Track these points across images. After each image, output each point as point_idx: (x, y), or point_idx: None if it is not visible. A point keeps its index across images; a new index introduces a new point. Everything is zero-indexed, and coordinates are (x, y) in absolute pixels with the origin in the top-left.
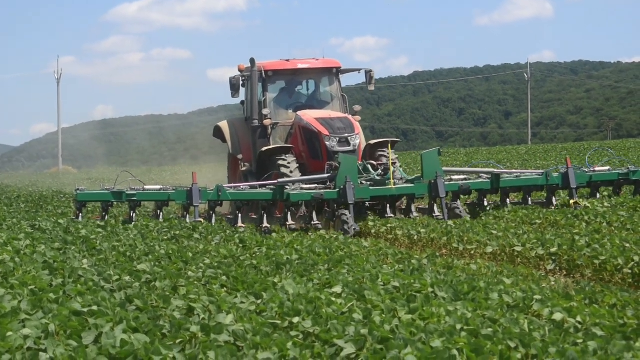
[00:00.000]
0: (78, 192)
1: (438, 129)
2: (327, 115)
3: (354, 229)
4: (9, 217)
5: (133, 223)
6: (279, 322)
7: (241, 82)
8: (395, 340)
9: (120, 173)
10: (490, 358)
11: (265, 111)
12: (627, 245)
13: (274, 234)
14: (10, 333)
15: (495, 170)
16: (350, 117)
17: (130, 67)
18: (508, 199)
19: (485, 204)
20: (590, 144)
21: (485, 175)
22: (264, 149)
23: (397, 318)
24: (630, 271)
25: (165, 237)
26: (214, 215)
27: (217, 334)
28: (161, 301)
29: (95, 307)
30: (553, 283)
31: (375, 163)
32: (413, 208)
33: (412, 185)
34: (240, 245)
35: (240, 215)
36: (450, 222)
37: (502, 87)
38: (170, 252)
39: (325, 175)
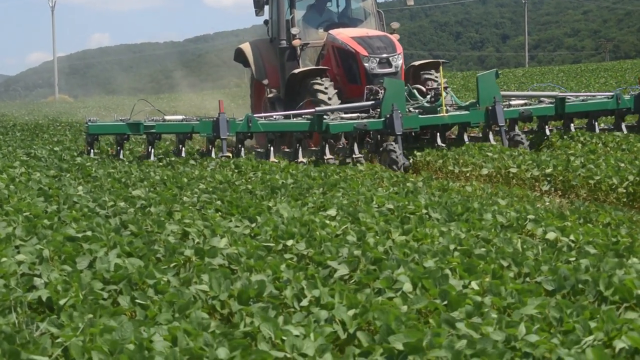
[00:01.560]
0: (89, 123)
1: (435, 53)
2: (365, 34)
3: (404, 163)
4: (5, 146)
5: (152, 158)
6: (272, 245)
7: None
8: (388, 260)
9: (137, 102)
10: (483, 277)
11: (294, 30)
12: (622, 164)
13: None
14: (4, 259)
15: (560, 94)
16: (389, 35)
17: None
18: (572, 125)
19: (548, 132)
20: (587, 66)
21: (547, 100)
22: (296, 71)
23: (391, 239)
24: (624, 190)
25: (161, 164)
26: (242, 149)
27: (211, 258)
28: (156, 226)
29: (89, 233)
30: (548, 203)
31: (422, 88)
32: (466, 137)
33: (467, 112)
34: (236, 171)
35: (272, 149)
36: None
37: (499, 10)
38: (165, 178)
39: (369, 103)
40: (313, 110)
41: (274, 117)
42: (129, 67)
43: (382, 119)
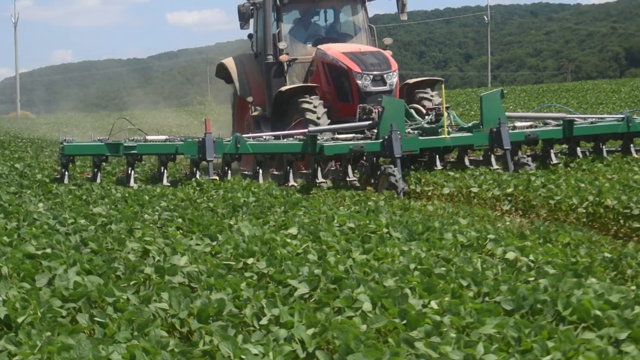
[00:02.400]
0: (65, 144)
1: (399, 72)
2: (357, 50)
3: (403, 188)
4: None
5: (132, 183)
6: (233, 263)
7: (251, 11)
8: (349, 279)
9: (116, 120)
10: (443, 296)
11: (281, 45)
12: (582, 185)
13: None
14: None
15: (567, 116)
16: (383, 51)
17: (89, 11)
18: (579, 148)
19: (553, 157)
20: (549, 87)
21: (553, 122)
22: (283, 89)
23: (352, 258)
24: (584, 210)
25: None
26: (229, 171)
27: (172, 276)
28: (116, 244)
29: (49, 250)
30: (508, 223)
31: (420, 107)
32: (466, 160)
33: (470, 134)
34: (198, 189)
35: (261, 171)
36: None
37: (463, 30)
38: (127, 195)
39: (366, 123)
40: (305, 130)
41: (264, 137)
42: (91, 84)
43: (380, 141)
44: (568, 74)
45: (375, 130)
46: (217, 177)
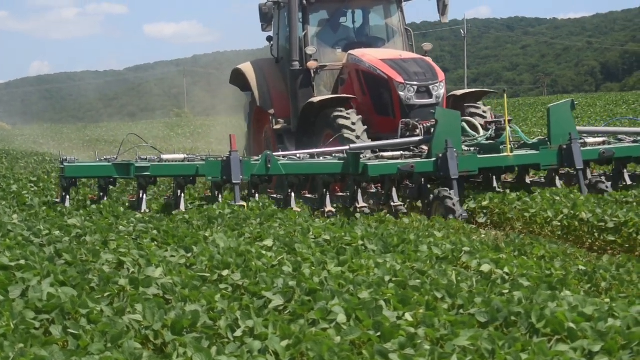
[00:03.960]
0: (66, 164)
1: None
2: (397, 56)
3: (462, 214)
4: None
5: (144, 209)
6: (208, 275)
7: (273, 12)
8: (323, 291)
9: (126, 136)
10: (417, 308)
11: (309, 50)
12: (557, 198)
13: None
14: None
15: None
16: (426, 58)
17: (66, 22)
18: (625, 170)
19: (627, 178)
20: (525, 100)
21: (628, 138)
22: (315, 100)
23: (327, 270)
24: (559, 224)
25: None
26: (257, 195)
27: (146, 287)
28: (90, 255)
29: (22, 262)
30: (483, 236)
31: (474, 121)
32: (528, 180)
33: (536, 152)
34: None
35: (292, 195)
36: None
37: (439, 44)
38: (102, 207)
39: (416, 139)
40: (345, 147)
41: (298, 155)
42: (68, 96)
43: (433, 159)
44: (544, 88)
45: (425, 148)
46: (244, 203)
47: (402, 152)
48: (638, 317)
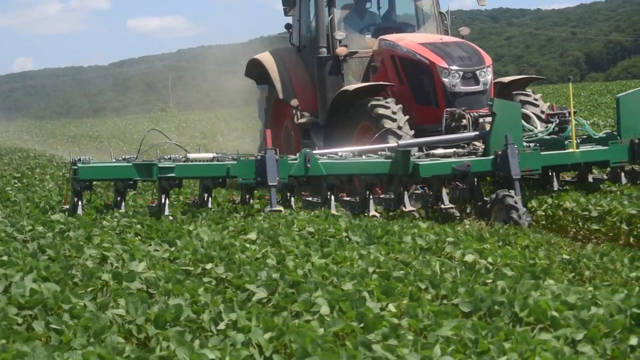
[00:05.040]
0: (80, 164)
1: None
2: (438, 40)
3: (527, 218)
4: None
5: (168, 214)
6: (191, 268)
7: None
8: (307, 283)
9: (147, 132)
10: (401, 299)
11: (338, 35)
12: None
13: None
14: None
15: None
16: (470, 43)
17: (50, 18)
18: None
19: None
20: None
21: None
22: (350, 88)
23: (310, 262)
24: (543, 213)
25: (60, 181)
26: (292, 198)
27: (129, 282)
28: (74, 250)
29: (5, 257)
30: (468, 226)
31: (529, 113)
32: (590, 179)
33: (604, 147)
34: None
35: (332, 197)
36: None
37: None
38: (86, 202)
39: (472, 134)
40: (394, 144)
41: (339, 153)
42: (52, 92)
43: (491, 157)
44: None
45: (477, 144)
46: (281, 209)
47: (454, 149)
48: (621, 305)
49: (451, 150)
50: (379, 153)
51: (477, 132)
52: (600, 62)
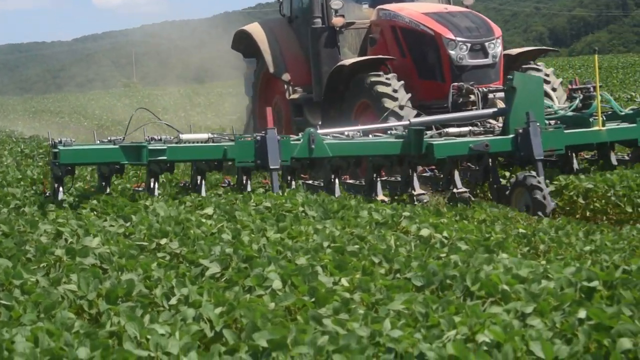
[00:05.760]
0: (61, 148)
1: None
2: (442, 9)
3: (551, 201)
4: None
5: (157, 194)
6: (146, 244)
7: None
8: (260, 258)
9: (134, 112)
10: (354, 274)
11: (334, 4)
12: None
13: None
14: None
15: None
16: (477, 12)
17: None
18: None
19: None
20: None
21: None
22: (347, 62)
23: (266, 237)
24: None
25: (40, 164)
26: (293, 181)
27: (83, 257)
28: (28, 226)
29: None
30: (426, 201)
31: (548, 88)
32: (613, 159)
33: (632, 125)
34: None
35: (337, 181)
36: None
37: None
38: (42, 176)
39: (489, 111)
40: (406, 122)
41: (346, 133)
42: (15, 67)
43: (511, 136)
44: None
45: (493, 122)
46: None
47: (470, 127)
48: (571, 278)
49: (466, 129)
50: (389, 132)
51: (495, 109)
52: (563, 38)
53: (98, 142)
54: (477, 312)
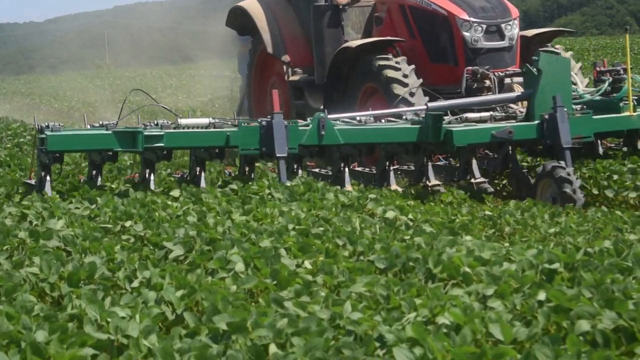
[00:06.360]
0: (49, 133)
1: None
2: None
3: (581, 198)
4: None
5: (152, 184)
6: (110, 226)
7: None
8: (224, 241)
9: (128, 93)
10: (317, 256)
11: None
12: None
13: None
14: None
15: None
16: None
17: None
18: None
19: None
20: None
21: None
22: (353, 44)
23: (231, 220)
24: None
25: (9, 145)
26: (299, 170)
27: (47, 240)
28: None
29: None
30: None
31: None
32: None
33: None
34: None
35: (347, 170)
36: None
37: None
38: (9, 158)
39: (514, 95)
40: (423, 107)
41: (358, 118)
42: None
43: (536, 122)
44: None
45: (515, 107)
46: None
47: (490, 112)
48: (533, 260)
49: (487, 114)
50: (404, 117)
51: (518, 93)
52: (537, 20)
53: (88, 126)
54: (438, 295)
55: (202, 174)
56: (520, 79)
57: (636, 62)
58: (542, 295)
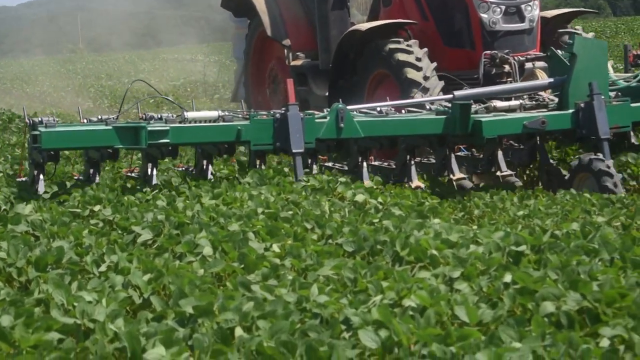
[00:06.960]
0: (43, 130)
1: None
2: None
3: (622, 192)
4: None
5: (155, 182)
6: (79, 211)
7: None
8: (192, 225)
9: (130, 84)
10: (285, 240)
11: None
12: None
13: None
14: None
15: None
16: None
17: None
18: None
19: None
20: None
21: None
22: (362, 27)
23: (200, 204)
24: None
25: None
26: (315, 165)
27: (15, 225)
28: None
29: None
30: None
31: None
32: None
33: None
34: None
35: (365, 164)
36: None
37: None
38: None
39: (545, 82)
40: (449, 96)
41: (379, 108)
42: None
43: (570, 111)
44: None
45: (544, 94)
46: (306, 179)
47: (520, 101)
48: (500, 243)
49: (517, 103)
50: (428, 107)
51: (551, 80)
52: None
53: (85, 121)
54: (405, 277)
55: (210, 168)
56: (542, 64)
57: None
58: (508, 278)
